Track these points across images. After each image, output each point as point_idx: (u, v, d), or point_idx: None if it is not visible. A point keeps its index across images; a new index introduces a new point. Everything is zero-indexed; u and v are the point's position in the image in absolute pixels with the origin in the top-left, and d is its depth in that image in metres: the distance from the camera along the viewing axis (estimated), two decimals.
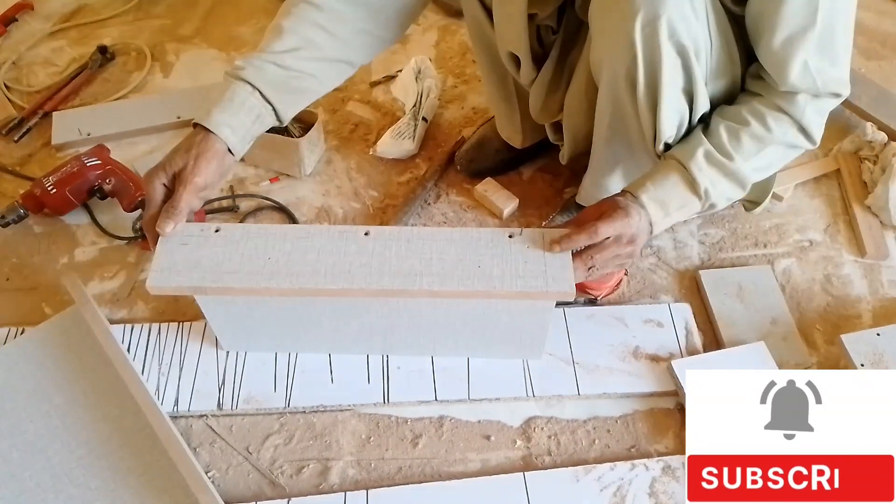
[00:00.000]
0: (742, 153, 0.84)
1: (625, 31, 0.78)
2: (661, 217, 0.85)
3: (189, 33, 1.62)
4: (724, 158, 0.83)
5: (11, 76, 1.50)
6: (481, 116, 1.40)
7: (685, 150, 0.85)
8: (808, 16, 0.76)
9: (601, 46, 0.85)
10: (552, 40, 0.98)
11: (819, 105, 0.84)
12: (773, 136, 0.84)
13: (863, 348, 1.00)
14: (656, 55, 0.79)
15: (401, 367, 1.01)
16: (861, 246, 1.18)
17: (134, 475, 0.90)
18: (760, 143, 0.84)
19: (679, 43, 0.78)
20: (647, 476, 0.91)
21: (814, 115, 0.84)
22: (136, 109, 1.41)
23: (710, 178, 0.84)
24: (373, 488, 0.90)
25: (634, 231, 0.83)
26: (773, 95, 0.84)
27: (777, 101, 0.83)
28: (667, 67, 0.80)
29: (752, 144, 0.84)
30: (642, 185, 0.85)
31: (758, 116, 0.84)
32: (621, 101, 0.88)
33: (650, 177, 0.86)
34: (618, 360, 1.02)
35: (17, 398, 0.96)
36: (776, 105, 0.83)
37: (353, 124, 1.40)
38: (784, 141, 0.85)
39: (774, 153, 0.86)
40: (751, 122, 0.83)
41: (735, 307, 1.08)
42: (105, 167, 1.20)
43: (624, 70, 0.82)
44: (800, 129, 0.84)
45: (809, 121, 0.84)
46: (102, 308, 1.08)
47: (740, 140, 0.84)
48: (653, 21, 0.76)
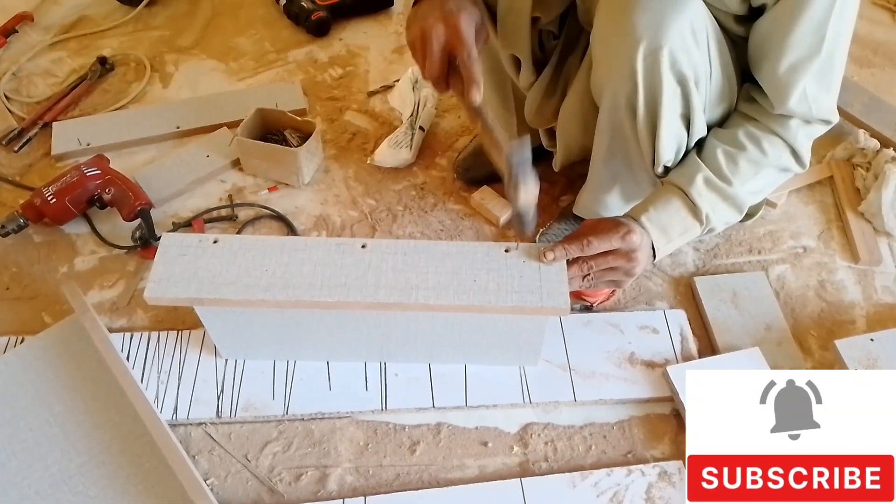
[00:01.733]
0: (739, 177, 0.85)
1: (627, 59, 0.78)
2: (664, 243, 0.86)
3: (188, 44, 1.63)
4: (723, 183, 0.85)
5: (11, 87, 1.51)
6: None
7: (684, 175, 0.86)
8: (814, 44, 0.78)
9: (602, 72, 0.86)
10: (553, 45, 0.99)
11: (809, 131, 0.86)
12: (768, 159, 0.85)
13: (857, 353, 1.01)
14: (657, 84, 0.80)
15: (398, 374, 1.02)
16: (854, 252, 1.19)
17: (133, 483, 0.90)
18: (756, 166, 0.85)
19: (680, 72, 0.79)
20: (644, 482, 0.92)
21: (804, 140, 0.86)
22: (135, 120, 1.42)
23: (711, 203, 0.85)
24: (371, 495, 0.91)
25: (633, 247, 0.83)
26: (768, 119, 0.85)
27: (771, 126, 0.85)
28: (667, 96, 0.81)
29: (748, 168, 0.85)
30: (644, 210, 0.86)
31: (754, 140, 0.85)
32: (621, 125, 0.89)
33: (651, 202, 0.87)
34: (614, 367, 1.03)
35: (16, 406, 0.97)
36: (770, 129, 0.85)
37: (351, 133, 1.41)
38: (778, 164, 0.86)
39: (769, 176, 0.87)
40: (747, 147, 0.85)
41: (730, 313, 1.09)
42: (104, 177, 1.21)
43: (625, 97, 0.83)
44: (792, 152, 0.86)
45: (801, 145, 0.85)
46: (102, 317, 1.08)
47: (737, 164, 0.85)
48: (655, 52, 0.77)
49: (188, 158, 1.33)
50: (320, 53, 1.60)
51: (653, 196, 0.88)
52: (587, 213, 1.12)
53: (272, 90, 1.48)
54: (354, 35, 1.65)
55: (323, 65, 1.57)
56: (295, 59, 1.59)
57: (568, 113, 1.02)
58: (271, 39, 1.64)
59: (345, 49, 1.61)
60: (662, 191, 0.87)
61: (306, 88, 1.50)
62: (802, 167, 0.88)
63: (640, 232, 0.84)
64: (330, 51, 1.61)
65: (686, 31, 0.76)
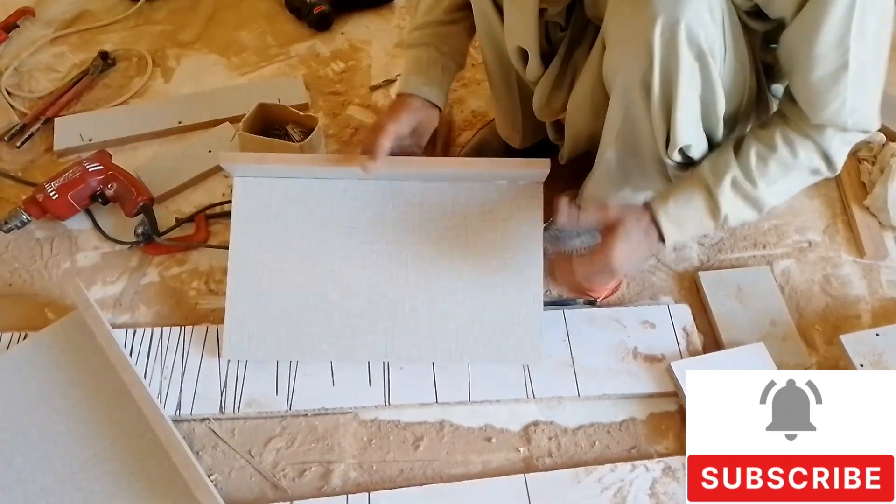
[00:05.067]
0: (766, 178, 0.84)
1: (643, 36, 0.77)
2: (677, 235, 0.87)
3: (190, 39, 1.63)
4: (749, 185, 0.84)
5: (13, 82, 1.51)
6: (481, 120, 1.40)
7: (716, 172, 0.86)
8: (838, 58, 0.76)
9: (616, 54, 0.85)
10: (560, 37, 0.98)
11: (847, 137, 0.84)
12: (798, 162, 0.84)
13: (862, 349, 1.01)
14: (674, 61, 0.78)
15: (402, 368, 1.02)
16: (860, 246, 1.19)
17: (137, 479, 0.90)
18: (785, 168, 0.84)
19: (698, 48, 0.78)
20: (648, 477, 0.92)
21: (840, 146, 0.84)
22: (137, 115, 1.41)
23: (733, 204, 0.85)
24: (375, 491, 0.90)
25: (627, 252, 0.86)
26: (805, 123, 0.84)
27: (807, 130, 0.83)
28: (684, 73, 0.80)
29: (777, 170, 0.84)
30: (663, 204, 0.87)
31: (788, 142, 0.84)
32: (634, 107, 0.88)
33: (673, 195, 0.87)
34: (618, 362, 1.02)
35: (20, 403, 0.97)
36: (806, 133, 0.83)
37: (354, 128, 1.41)
38: (808, 167, 0.85)
39: (797, 179, 0.87)
40: (779, 148, 0.84)
41: (734, 308, 1.08)
42: (107, 172, 1.21)
43: (640, 76, 0.82)
44: (824, 157, 0.84)
45: (835, 151, 0.84)
46: (105, 313, 1.08)
47: (767, 165, 0.84)
48: (672, 26, 0.75)
49: (190, 153, 1.32)
50: (322, 48, 1.59)
51: (678, 187, 0.88)
52: (592, 201, 1.12)
53: (274, 85, 1.48)
54: (356, 29, 1.64)
55: (325, 59, 1.57)
56: (297, 53, 1.58)
57: (577, 103, 1.01)
58: (273, 34, 1.64)
59: (347, 43, 1.61)
60: (689, 182, 0.87)
61: (308, 83, 1.49)
62: (833, 172, 0.86)
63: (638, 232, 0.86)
64: (332, 45, 1.60)
65: (703, 6, 0.76)
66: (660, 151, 0.90)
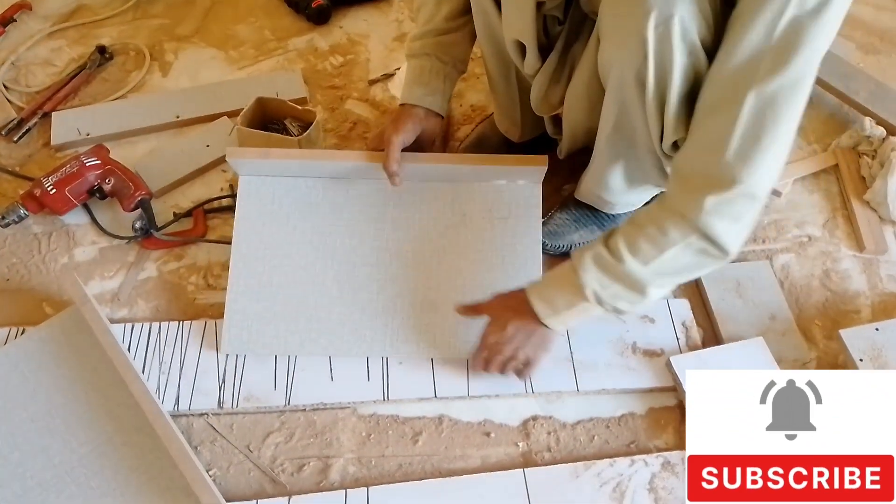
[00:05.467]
0: (639, 255, 0.81)
1: (637, 30, 0.77)
2: (550, 314, 0.89)
3: (188, 32, 1.62)
4: (614, 260, 0.82)
5: (10, 77, 1.50)
6: (479, 114, 1.40)
7: (582, 251, 0.87)
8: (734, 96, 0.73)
9: (611, 46, 0.85)
10: (557, 31, 0.98)
11: (728, 209, 0.76)
12: (668, 239, 0.80)
13: (861, 343, 1.01)
14: (668, 55, 0.78)
15: (401, 363, 1.01)
16: (860, 241, 1.18)
17: (135, 474, 0.90)
18: (657, 247, 0.80)
19: (691, 43, 0.78)
20: (647, 472, 0.92)
21: (720, 222, 0.77)
22: (135, 109, 1.41)
23: (598, 280, 0.84)
24: (373, 485, 0.90)
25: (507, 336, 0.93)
26: (677, 196, 0.80)
27: (678, 206, 0.79)
28: (677, 67, 0.79)
29: (649, 247, 0.81)
30: (536, 282, 0.92)
31: (654, 219, 0.81)
32: (629, 101, 0.88)
33: (549, 274, 0.91)
34: (616, 357, 1.02)
35: (18, 398, 0.96)
36: (676, 210, 0.79)
37: (352, 122, 1.40)
38: (689, 245, 0.79)
39: (681, 258, 0.81)
40: (646, 225, 0.82)
41: (734, 303, 1.08)
42: (104, 167, 1.20)
43: (634, 70, 0.82)
44: (703, 236, 0.78)
45: (714, 228, 0.77)
46: (103, 307, 1.08)
47: (636, 242, 0.82)
48: (667, 20, 0.75)
49: (188, 148, 1.32)
50: (321, 41, 1.59)
51: (556, 268, 0.90)
52: (589, 196, 1.11)
53: (272, 79, 1.47)
54: (355, 23, 1.63)
55: (323, 53, 1.56)
56: (295, 47, 1.58)
57: (574, 97, 1.01)
58: (271, 27, 1.63)
59: (345, 37, 1.60)
60: (564, 264, 0.89)
61: (307, 77, 1.49)
62: (722, 254, 0.79)
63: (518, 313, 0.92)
64: (330, 39, 1.59)
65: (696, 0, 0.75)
66: (655, 146, 0.89)
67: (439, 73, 1.03)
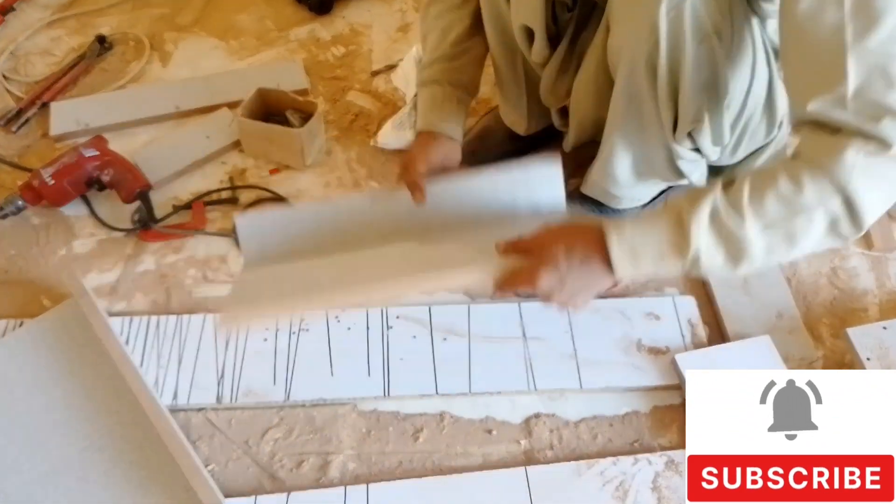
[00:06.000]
0: (759, 215, 0.67)
1: (649, 15, 0.76)
2: (628, 265, 0.72)
3: (188, 22, 1.60)
4: (734, 217, 0.68)
5: (9, 66, 1.49)
6: (484, 107, 1.38)
7: (694, 199, 0.71)
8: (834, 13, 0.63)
9: (622, 33, 0.83)
10: (567, 19, 0.97)
11: (870, 162, 0.64)
12: (804, 199, 0.66)
13: (869, 342, 0.99)
14: (680, 41, 0.77)
15: (402, 359, 1.00)
16: (868, 238, 1.17)
17: (134, 469, 0.89)
18: (788, 207, 0.66)
19: (703, 29, 0.76)
20: (650, 470, 0.91)
21: (863, 180, 0.64)
22: (134, 100, 1.39)
23: (707, 239, 0.69)
24: (373, 482, 0.89)
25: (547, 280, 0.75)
26: (814, 149, 0.68)
27: (820, 157, 0.66)
28: (689, 54, 0.78)
29: (776, 208, 0.67)
30: (620, 227, 0.73)
31: (790, 173, 0.67)
32: (640, 88, 0.86)
33: (637, 219, 0.75)
34: (621, 354, 1.01)
35: (15, 391, 0.96)
36: (817, 162, 0.66)
37: (354, 114, 1.39)
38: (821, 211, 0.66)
39: (805, 228, 0.67)
40: (779, 181, 0.67)
41: (740, 300, 1.07)
42: (103, 158, 1.19)
43: (645, 57, 0.81)
44: (842, 194, 0.65)
45: (857, 188, 0.64)
46: (101, 300, 1.07)
47: (763, 198, 0.67)
48: (679, 5, 0.74)
49: (188, 139, 1.31)
50: (322, 32, 1.57)
51: (647, 214, 0.76)
52: (595, 190, 1.10)
53: (274, 69, 1.46)
54: (357, 13, 1.62)
55: (325, 43, 1.54)
56: (297, 37, 1.56)
57: (581, 88, 0.99)
58: (273, 17, 1.61)
59: (348, 27, 1.58)
60: (657, 211, 0.75)
61: (308, 68, 1.47)
62: (856, 224, 0.66)
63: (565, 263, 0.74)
64: (332, 29, 1.58)
65: None
66: (666, 136, 0.88)
67: (451, 98, 1.02)
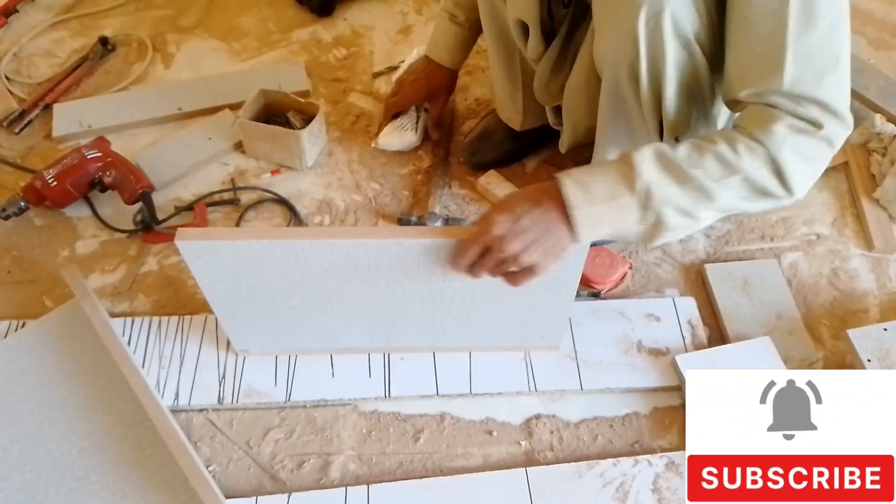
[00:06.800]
0: (702, 168, 0.71)
1: (628, 25, 0.76)
2: (582, 202, 0.71)
3: (190, 24, 1.61)
4: (679, 160, 0.71)
5: (12, 68, 1.49)
6: (484, 108, 1.39)
7: (639, 147, 0.74)
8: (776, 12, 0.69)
9: (604, 41, 0.84)
10: (562, 15, 0.97)
11: (799, 144, 0.71)
12: (741, 162, 0.71)
13: (869, 343, 0.99)
14: (660, 50, 0.77)
15: (403, 358, 1.01)
16: (869, 239, 1.17)
17: (134, 469, 0.90)
18: (724, 165, 0.71)
19: (684, 37, 0.77)
20: (651, 472, 0.91)
21: (792, 157, 0.71)
22: (137, 101, 1.40)
23: (655, 173, 0.71)
24: (374, 483, 0.90)
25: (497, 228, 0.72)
26: (750, 123, 0.73)
27: (752, 129, 0.72)
28: (671, 62, 0.78)
29: (714, 165, 0.71)
30: (569, 172, 0.74)
31: (728, 140, 0.72)
32: (624, 96, 0.87)
33: (590, 164, 0.83)
34: (621, 355, 1.01)
35: (17, 391, 0.96)
36: (751, 133, 0.72)
37: (355, 116, 1.39)
38: (753, 176, 0.72)
39: (739, 189, 0.72)
40: (717, 143, 0.72)
41: (741, 301, 1.07)
42: (106, 159, 1.19)
43: (627, 65, 0.81)
44: (774, 169, 0.71)
45: (786, 161, 0.71)
46: (103, 301, 1.07)
47: (702, 156, 0.72)
48: (657, 15, 0.74)
49: (190, 141, 1.31)
50: (324, 33, 1.57)
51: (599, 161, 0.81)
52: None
53: (275, 71, 1.46)
54: (359, 15, 1.62)
55: (327, 45, 1.54)
56: (298, 39, 1.56)
57: (574, 88, 0.99)
58: (275, 19, 1.62)
59: (349, 29, 1.58)
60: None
61: (310, 69, 1.47)
62: (788, 193, 0.72)
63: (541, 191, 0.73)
64: (334, 31, 1.58)
65: None
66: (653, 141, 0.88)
67: (449, 30, 1.15)
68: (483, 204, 1.23)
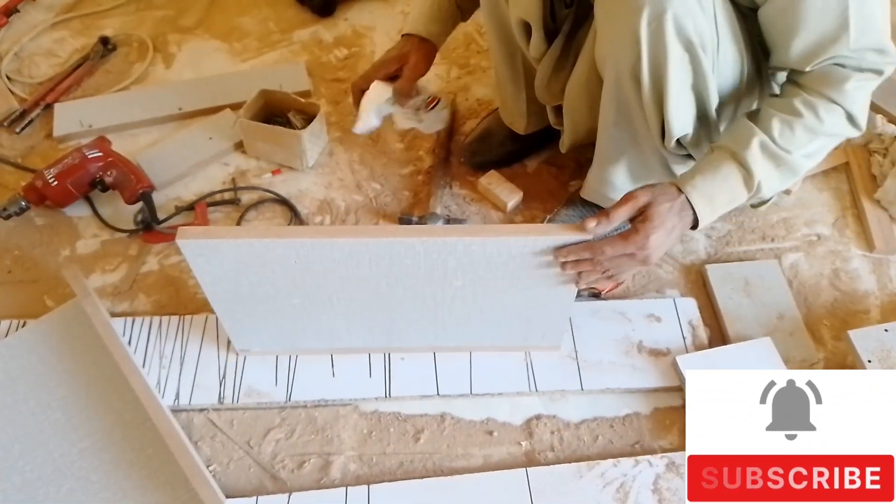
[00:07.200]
0: (795, 145, 0.81)
1: (630, 27, 0.76)
2: (708, 213, 0.81)
3: (191, 24, 1.61)
4: (780, 150, 0.81)
5: (13, 67, 1.49)
6: (485, 108, 1.39)
7: (738, 140, 0.82)
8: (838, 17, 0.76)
9: (606, 42, 0.84)
10: (564, 14, 0.97)
11: (864, 85, 0.81)
12: (824, 127, 0.81)
13: (870, 344, 0.99)
14: (662, 52, 0.77)
15: (403, 358, 1.01)
16: (870, 240, 1.17)
17: (135, 469, 0.90)
18: (812, 134, 0.81)
19: (686, 38, 0.77)
20: (651, 472, 0.90)
21: (861, 104, 0.82)
22: (137, 101, 1.40)
23: (765, 170, 0.81)
24: (374, 483, 0.90)
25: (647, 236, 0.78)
26: (821, 85, 0.81)
27: (826, 92, 0.80)
28: (673, 64, 0.78)
29: (804, 136, 0.81)
30: (690, 179, 0.81)
31: (810, 108, 0.81)
32: (626, 98, 0.87)
33: (699, 170, 0.82)
34: (622, 356, 1.01)
35: (18, 391, 0.96)
36: (826, 96, 0.80)
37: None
38: (835, 133, 0.83)
39: (823, 143, 0.84)
40: (804, 114, 0.80)
41: (741, 302, 1.07)
42: (106, 159, 1.19)
43: (629, 66, 0.81)
44: (849, 118, 0.82)
45: (858, 108, 0.82)
46: (104, 301, 1.07)
47: (794, 132, 0.80)
48: (659, 16, 0.74)
49: (191, 141, 1.31)
50: (325, 34, 1.57)
51: (701, 164, 0.83)
52: (594, 195, 1.10)
53: (276, 71, 1.46)
54: (360, 15, 1.62)
55: (328, 45, 1.54)
56: (299, 39, 1.56)
57: (575, 88, 0.99)
58: (276, 19, 1.62)
59: (350, 29, 1.58)
60: (713, 157, 0.83)
61: (311, 69, 1.47)
62: (859, 130, 0.84)
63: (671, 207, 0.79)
64: (335, 31, 1.58)
65: None
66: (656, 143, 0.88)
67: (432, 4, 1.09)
68: (483, 204, 1.23)
